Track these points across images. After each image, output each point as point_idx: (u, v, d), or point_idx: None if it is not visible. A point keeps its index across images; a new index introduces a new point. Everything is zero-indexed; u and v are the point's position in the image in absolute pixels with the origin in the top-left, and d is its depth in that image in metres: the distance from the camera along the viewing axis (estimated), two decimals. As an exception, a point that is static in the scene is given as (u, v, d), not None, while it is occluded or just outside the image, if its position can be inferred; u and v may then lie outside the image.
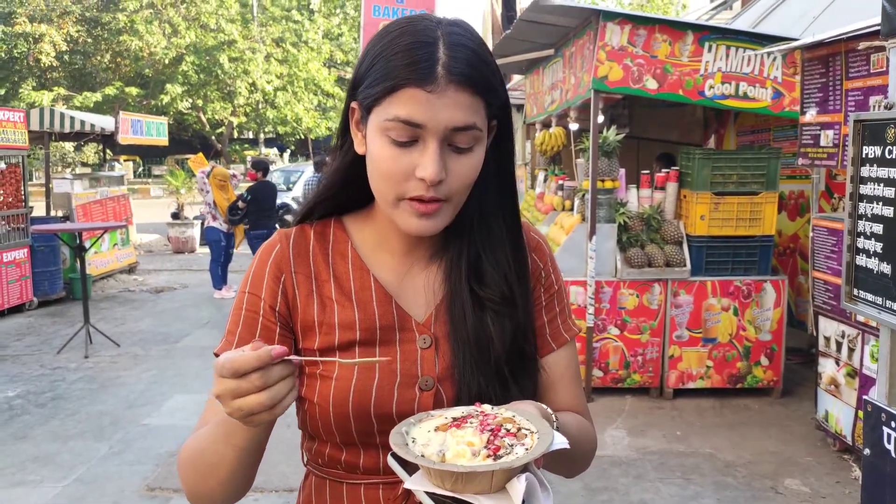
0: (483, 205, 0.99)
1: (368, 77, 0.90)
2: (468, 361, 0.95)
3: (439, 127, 0.86)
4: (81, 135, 10.65)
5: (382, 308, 0.98)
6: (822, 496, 3.60)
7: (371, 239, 1.02)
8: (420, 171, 0.87)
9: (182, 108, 21.77)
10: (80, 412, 4.84)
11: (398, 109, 0.86)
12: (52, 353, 6.18)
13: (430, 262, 1.02)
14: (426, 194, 0.88)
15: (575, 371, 1.08)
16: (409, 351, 0.97)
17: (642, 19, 4.78)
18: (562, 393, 1.05)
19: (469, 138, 0.89)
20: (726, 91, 4.77)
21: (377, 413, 0.94)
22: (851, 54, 3.66)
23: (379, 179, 0.91)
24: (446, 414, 0.87)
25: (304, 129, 23.41)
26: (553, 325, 1.05)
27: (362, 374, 0.94)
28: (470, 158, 0.90)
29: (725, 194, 4.77)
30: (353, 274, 1.00)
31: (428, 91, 0.85)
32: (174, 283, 9.63)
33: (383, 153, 0.88)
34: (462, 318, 0.97)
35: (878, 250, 1.73)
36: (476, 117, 0.89)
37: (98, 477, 3.87)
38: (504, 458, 0.77)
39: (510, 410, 0.86)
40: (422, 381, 0.96)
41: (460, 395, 0.95)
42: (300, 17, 22.72)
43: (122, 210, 10.42)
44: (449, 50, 0.87)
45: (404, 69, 0.86)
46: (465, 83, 0.87)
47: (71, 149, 22.74)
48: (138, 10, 20.52)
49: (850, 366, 3.84)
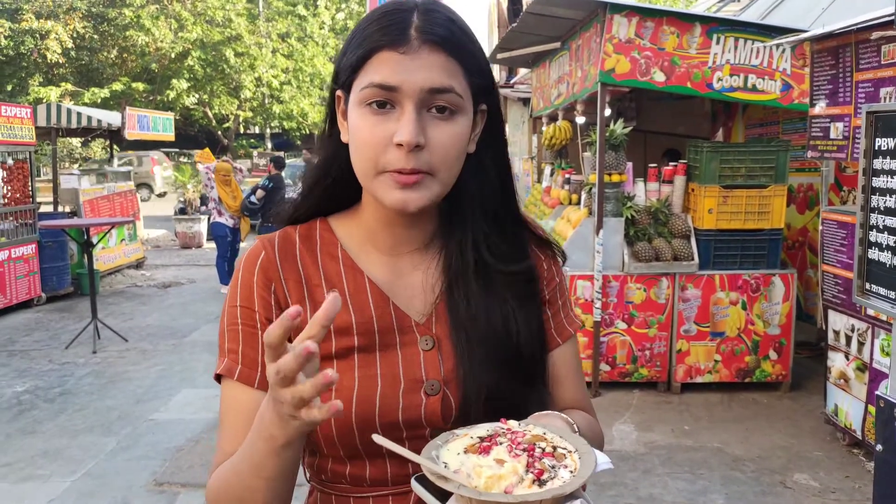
0: (483, 191, 0.95)
1: (346, 54, 0.89)
2: (474, 361, 0.91)
3: (414, 88, 0.83)
4: (88, 130, 10.68)
5: (380, 310, 0.93)
6: (832, 490, 3.58)
7: (358, 237, 0.97)
8: (397, 135, 0.83)
9: (188, 104, 21.80)
10: (89, 407, 4.86)
11: (373, 75, 0.84)
12: (61, 349, 6.20)
13: (424, 258, 0.97)
14: (406, 165, 0.84)
15: (578, 365, 1.05)
16: (412, 354, 0.92)
17: (650, 11, 4.74)
18: (568, 389, 1.02)
19: (448, 102, 0.85)
20: (735, 83, 4.73)
21: (382, 422, 0.89)
22: (862, 45, 3.62)
23: (358, 154, 0.88)
24: (471, 433, 0.81)
25: (310, 124, 23.41)
26: (557, 320, 1.02)
27: (363, 382, 0.89)
28: (451, 126, 0.86)
29: (734, 187, 4.74)
30: (346, 275, 0.95)
31: (401, 53, 0.83)
32: (181, 278, 9.65)
33: (361, 123, 0.86)
34: (465, 316, 0.93)
35: (891, 244, 1.71)
36: (453, 81, 0.85)
37: (106, 471, 3.89)
38: (550, 483, 0.72)
39: (538, 426, 0.81)
40: (427, 386, 0.91)
41: (468, 397, 0.90)
42: (306, 11, 22.70)
43: (129, 205, 10.45)
44: (423, 14, 0.86)
45: (376, 34, 0.85)
46: (439, 43, 0.85)
47: (78, 144, 22.81)
48: (144, 5, 20.54)
49: (860, 360, 3.82)
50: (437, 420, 0.90)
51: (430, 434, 0.89)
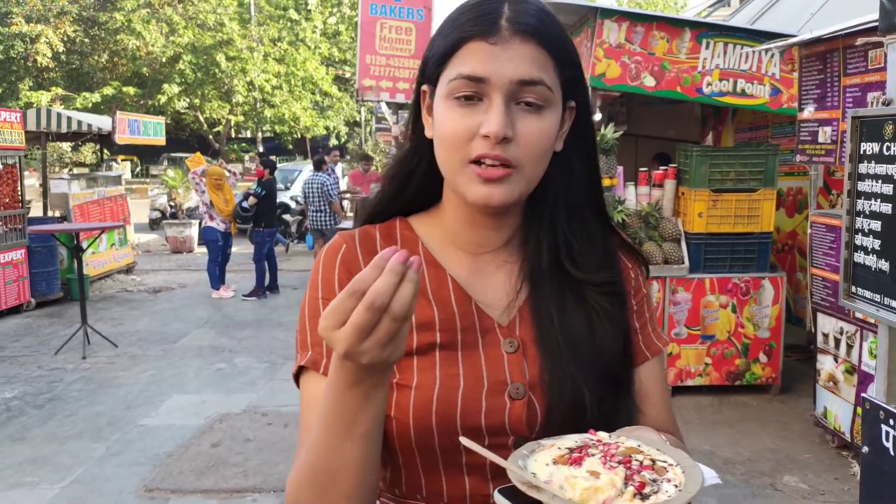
0: (570, 193, 0.92)
1: (434, 47, 0.87)
2: (561, 367, 0.86)
3: (503, 80, 0.81)
4: (78, 135, 10.63)
5: (462, 308, 0.90)
6: (821, 492, 3.60)
7: (439, 237, 0.95)
8: (484, 126, 0.81)
9: (179, 108, 21.75)
10: (78, 413, 4.83)
11: (461, 66, 0.82)
12: (50, 354, 6.16)
13: (507, 258, 0.94)
14: (490, 151, 0.81)
15: (666, 383, 1.00)
16: (495, 355, 0.88)
17: (640, 16, 4.78)
18: (655, 407, 0.95)
19: (537, 95, 0.82)
20: (724, 88, 4.77)
21: (464, 425, 0.84)
22: (849, 50, 3.66)
23: (443, 146, 0.85)
24: (559, 444, 0.76)
25: (302, 128, 23.40)
26: (645, 332, 0.96)
27: (445, 381, 0.85)
28: (540, 120, 0.83)
29: (723, 191, 4.76)
30: (428, 272, 0.92)
31: (491, 43, 0.81)
32: (172, 283, 9.61)
33: (448, 116, 0.83)
34: (550, 320, 0.89)
35: (877, 247, 1.73)
36: (544, 73, 0.83)
37: (96, 478, 3.86)
38: (654, 497, 0.67)
39: (632, 439, 0.77)
40: (512, 389, 0.86)
41: (554, 403, 0.86)
42: (297, 16, 22.70)
43: (119, 210, 10.40)
44: (514, 5, 0.83)
45: (466, 24, 0.83)
46: (530, 34, 0.82)
47: (68, 149, 22.73)
48: (136, 9, 20.48)
49: (849, 362, 3.84)
50: (521, 427, 0.86)
51: (514, 443, 0.85)
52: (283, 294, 8.82)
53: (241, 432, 4.46)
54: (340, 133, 24.89)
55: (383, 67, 8.37)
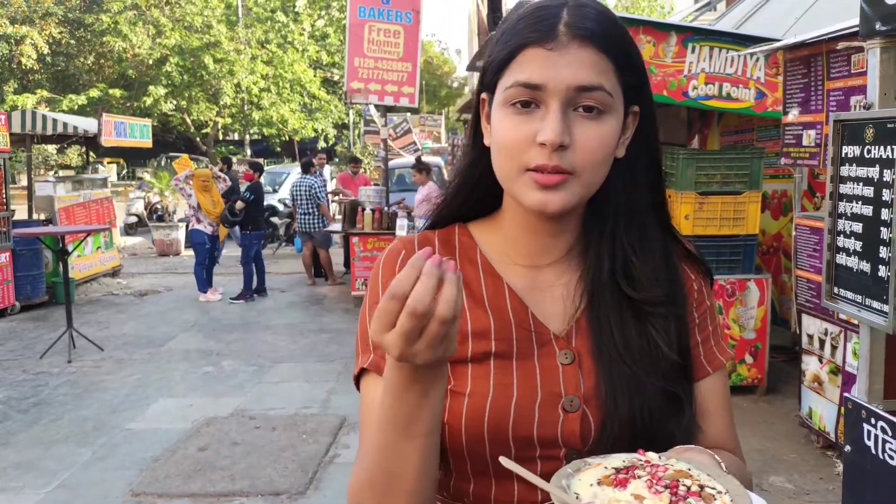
0: (632, 201, 0.90)
1: (491, 54, 0.86)
2: (617, 380, 0.85)
3: (560, 87, 0.79)
4: (64, 137, 10.55)
5: (518, 317, 0.89)
6: (807, 492, 3.63)
7: (498, 244, 0.94)
8: (540, 134, 0.79)
9: (166, 110, 21.63)
10: (64, 417, 4.79)
11: (517, 73, 0.81)
12: (35, 358, 6.11)
13: (566, 268, 0.92)
14: (548, 162, 0.80)
15: (728, 399, 0.96)
16: (550, 367, 0.87)
17: (626, 21, 4.81)
18: (715, 424, 0.92)
19: (596, 101, 0.81)
20: (710, 92, 4.81)
21: (516, 435, 0.84)
22: (833, 55, 3.70)
23: (500, 154, 0.84)
24: (605, 463, 0.74)
25: (290, 131, 23.33)
26: (707, 346, 0.94)
27: (499, 390, 0.85)
28: (599, 126, 0.81)
29: (710, 194, 4.80)
30: (485, 280, 0.91)
31: (548, 49, 0.80)
32: (158, 286, 9.56)
33: (504, 124, 0.83)
34: (608, 332, 0.87)
35: (858, 249, 1.75)
36: (603, 78, 0.81)
37: (82, 483, 3.83)
38: None
39: (682, 461, 0.73)
40: (566, 401, 0.85)
41: (609, 417, 0.84)
42: (285, 18, 22.65)
43: (105, 213, 10.33)
44: (573, 10, 0.82)
45: (524, 30, 0.82)
46: (588, 38, 0.80)
47: (54, 151, 22.55)
48: (122, 10, 20.36)
49: (833, 363, 3.88)
50: (574, 440, 0.85)
51: (566, 455, 0.85)
52: (271, 297, 8.79)
53: (228, 436, 4.44)
54: (329, 136, 24.83)
55: (372, 70, 8.37)
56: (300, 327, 7.28)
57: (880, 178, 1.66)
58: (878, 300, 1.70)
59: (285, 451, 4.20)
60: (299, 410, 4.89)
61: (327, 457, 4.14)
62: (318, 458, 4.09)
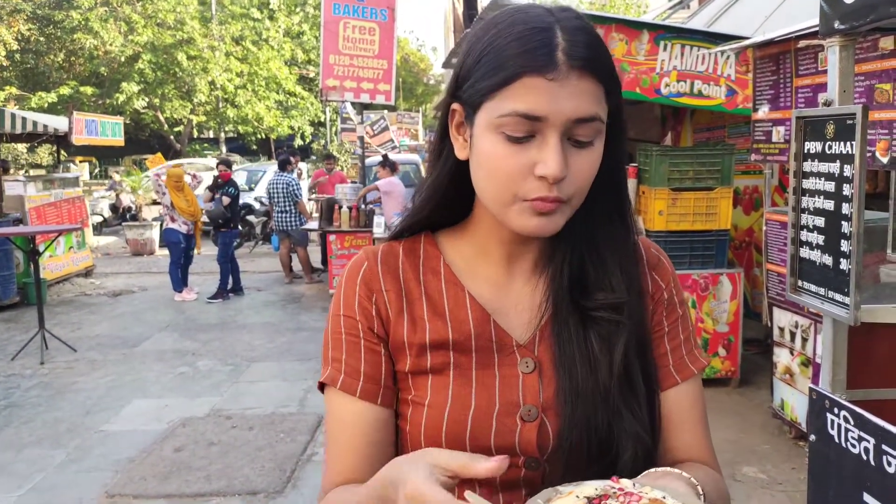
0: (593, 208, 0.88)
1: (476, 72, 0.81)
2: (575, 389, 0.85)
3: (561, 119, 0.77)
4: (34, 136, 10.37)
5: (479, 327, 0.89)
6: (779, 482, 3.69)
7: (467, 252, 0.93)
8: (541, 168, 0.78)
9: (138, 107, 21.34)
10: (36, 419, 4.72)
11: (515, 102, 0.77)
12: (7, 360, 6.01)
13: (534, 275, 0.92)
14: (549, 194, 0.79)
15: (702, 409, 0.95)
16: (510, 376, 0.87)
17: (599, 18, 4.85)
18: (686, 435, 0.92)
19: (591, 131, 0.80)
20: (682, 89, 4.86)
21: (473, 445, 0.84)
22: (801, 52, 3.76)
23: (491, 180, 0.82)
24: (577, 491, 0.72)
25: (266, 129, 23.14)
26: (677, 355, 0.93)
27: (457, 401, 0.86)
28: (590, 154, 0.81)
29: (682, 190, 4.86)
30: (447, 291, 0.91)
31: (549, 79, 0.76)
32: (132, 286, 9.44)
33: (496, 151, 0.80)
34: (568, 339, 0.87)
35: (821, 242, 1.79)
36: (598, 108, 0.80)
37: (55, 485, 3.79)
38: None
39: (657, 489, 0.72)
40: (524, 411, 0.86)
41: (567, 427, 0.85)
42: (260, 15, 22.45)
43: (77, 212, 10.17)
44: (567, 34, 0.78)
45: (520, 57, 0.77)
46: (587, 69, 0.78)
47: (24, 150, 22.14)
48: (93, 7, 20.03)
49: (804, 355, 3.95)
50: (531, 449, 0.86)
51: (524, 463, 0.86)
52: (248, 296, 8.73)
53: (204, 436, 4.41)
54: (305, 133, 24.67)
55: (347, 67, 8.34)
56: (277, 326, 7.24)
57: (841, 174, 1.70)
58: (840, 293, 1.74)
59: (263, 450, 4.18)
60: (276, 409, 4.88)
61: (305, 455, 4.13)
62: (295, 457, 4.08)
